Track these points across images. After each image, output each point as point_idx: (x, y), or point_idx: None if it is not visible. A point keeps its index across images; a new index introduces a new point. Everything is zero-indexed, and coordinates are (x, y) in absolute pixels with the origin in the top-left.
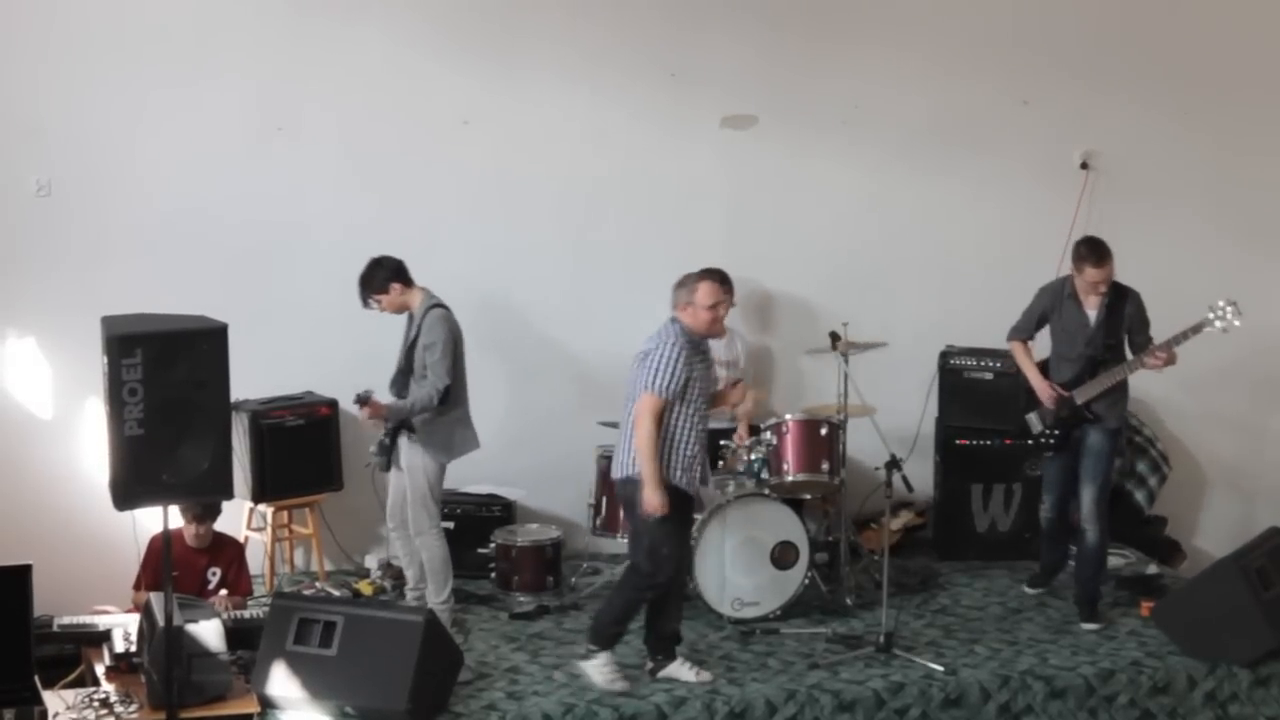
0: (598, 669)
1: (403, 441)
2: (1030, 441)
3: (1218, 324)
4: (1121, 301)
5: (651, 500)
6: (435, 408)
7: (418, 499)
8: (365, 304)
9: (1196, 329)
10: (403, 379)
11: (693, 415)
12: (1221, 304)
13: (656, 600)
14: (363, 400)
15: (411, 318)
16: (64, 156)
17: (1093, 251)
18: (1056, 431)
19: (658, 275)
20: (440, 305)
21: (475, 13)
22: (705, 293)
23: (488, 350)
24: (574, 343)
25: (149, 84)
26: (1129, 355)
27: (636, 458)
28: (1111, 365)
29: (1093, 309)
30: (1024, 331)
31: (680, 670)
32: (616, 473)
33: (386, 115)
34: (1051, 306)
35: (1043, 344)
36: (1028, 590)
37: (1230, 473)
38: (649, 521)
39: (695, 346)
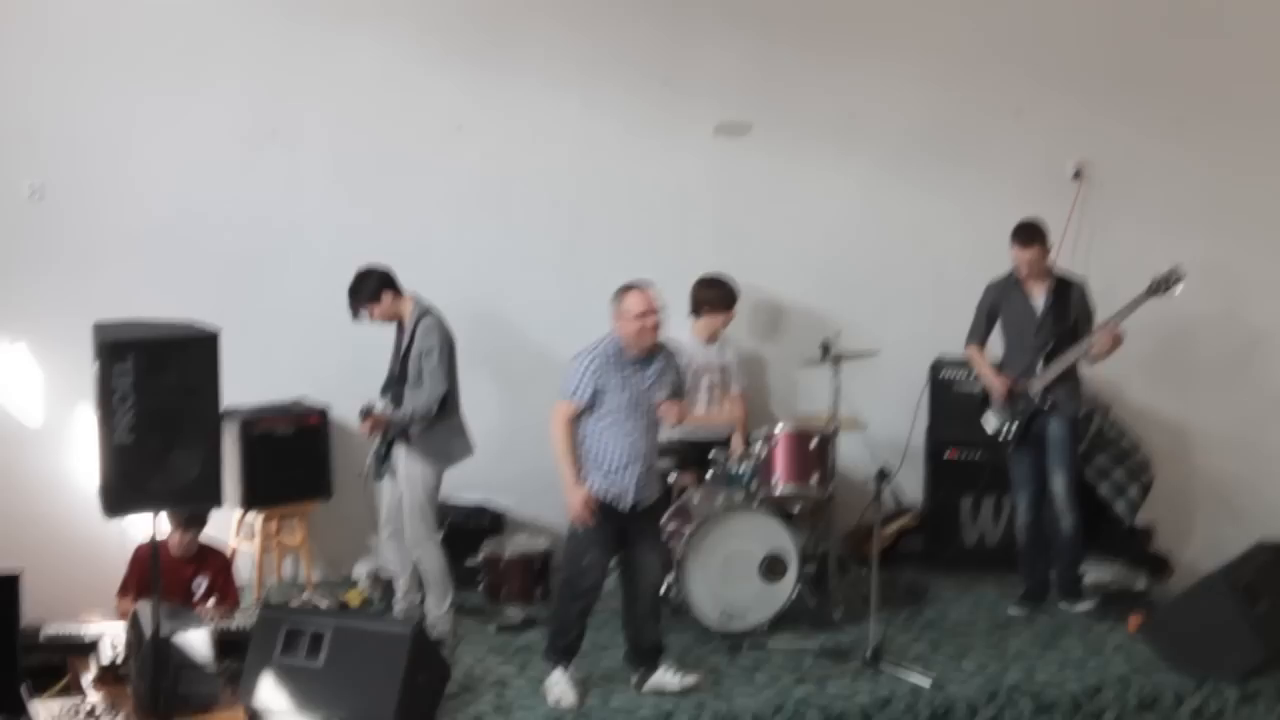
0: (549, 686)
1: (399, 451)
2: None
3: (1161, 291)
4: (1068, 290)
5: (570, 504)
6: (433, 415)
7: (415, 509)
8: (355, 315)
9: (1138, 301)
10: (397, 387)
11: (612, 426)
12: (1162, 275)
13: (627, 614)
14: (366, 414)
15: (401, 325)
16: (57, 161)
17: (1021, 232)
18: (1015, 424)
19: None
20: (431, 312)
21: (467, 20)
22: (629, 302)
23: (479, 358)
24: (565, 350)
25: (142, 89)
26: None
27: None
28: (1063, 353)
29: (1040, 297)
30: (977, 335)
31: (664, 678)
32: None
33: (379, 122)
34: (999, 300)
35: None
36: (1013, 611)
37: (1220, 487)
38: (571, 527)
39: (619, 359)
